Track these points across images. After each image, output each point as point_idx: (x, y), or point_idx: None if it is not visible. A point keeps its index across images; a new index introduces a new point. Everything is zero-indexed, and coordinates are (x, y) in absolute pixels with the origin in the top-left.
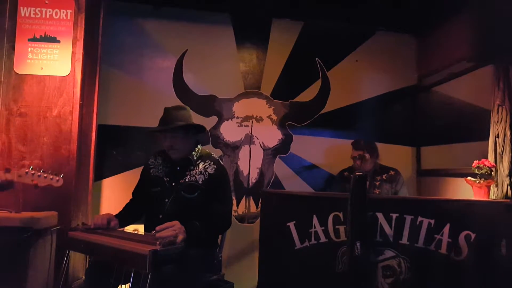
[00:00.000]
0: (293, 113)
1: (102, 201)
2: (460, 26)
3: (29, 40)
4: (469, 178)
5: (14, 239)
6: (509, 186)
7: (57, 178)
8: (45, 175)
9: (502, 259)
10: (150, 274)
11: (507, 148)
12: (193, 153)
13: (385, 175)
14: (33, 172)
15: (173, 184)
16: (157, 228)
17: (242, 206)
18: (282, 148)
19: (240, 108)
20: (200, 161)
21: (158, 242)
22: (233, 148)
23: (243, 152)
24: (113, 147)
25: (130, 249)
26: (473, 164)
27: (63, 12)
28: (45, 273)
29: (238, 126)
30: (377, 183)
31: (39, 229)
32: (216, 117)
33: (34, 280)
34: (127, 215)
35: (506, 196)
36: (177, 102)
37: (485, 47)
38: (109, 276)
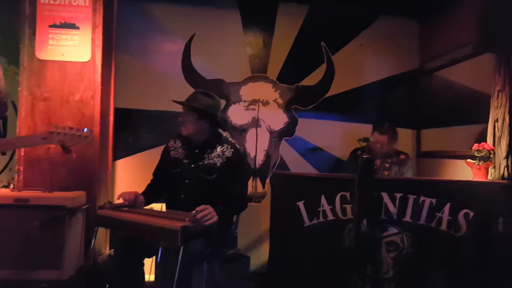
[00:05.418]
0: (298, 97)
1: (116, 182)
2: (463, 11)
3: (49, 26)
4: (469, 160)
5: (51, 217)
6: (506, 168)
7: (86, 134)
8: (72, 132)
9: (499, 235)
10: (182, 247)
11: (505, 132)
12: (211, 137)
13: (396, 158)
14: (58, 131)
15: (192, 166)
16: (198, 208)
17: (250, 187)
18: (288, 131)
19: (247, 92)
20: (218, 144)
21: (187, 219)
22: (240, 131)
23: (250, 135)
24: (125, 129)
25: (160, 225)
26: (473, 147)
27: None
28: (77, 249)
29: (245, 109)
30: (387, 165)
31: (72, 207)
32: (224, 100)
33: (69, 256)
34: (150, 194)
35: (503, 177)
36: (186, 86)
37: (487, 34)
38: (136, 250)
